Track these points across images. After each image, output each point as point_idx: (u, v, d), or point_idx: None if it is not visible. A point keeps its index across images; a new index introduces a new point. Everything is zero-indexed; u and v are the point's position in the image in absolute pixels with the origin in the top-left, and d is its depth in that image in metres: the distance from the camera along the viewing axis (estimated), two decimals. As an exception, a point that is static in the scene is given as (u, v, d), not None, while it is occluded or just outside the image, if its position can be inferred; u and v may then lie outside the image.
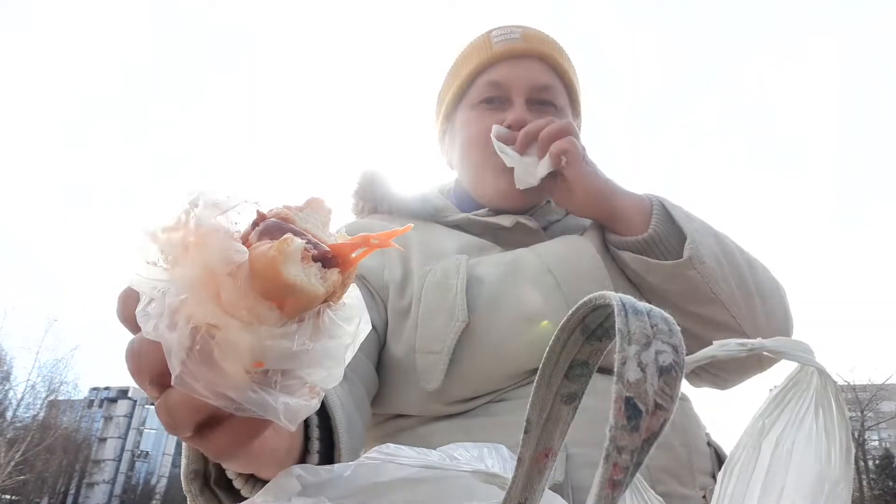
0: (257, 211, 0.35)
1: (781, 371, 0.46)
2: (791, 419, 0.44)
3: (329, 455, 0.51)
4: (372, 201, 0.99)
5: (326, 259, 0.34)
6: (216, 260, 0.31)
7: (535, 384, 0.36)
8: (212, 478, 0.49)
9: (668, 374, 0.27)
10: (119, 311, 0.35)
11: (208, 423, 0.36)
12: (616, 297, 0.30)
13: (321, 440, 0.50)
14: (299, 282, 0.31)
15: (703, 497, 0.71)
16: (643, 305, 0.30)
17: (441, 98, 1.04)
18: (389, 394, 0.80)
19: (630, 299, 0.30)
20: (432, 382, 0.74)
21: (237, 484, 0.47)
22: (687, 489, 0.70)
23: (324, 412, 0.53)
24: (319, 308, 0.33)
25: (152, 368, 0.33)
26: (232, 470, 0.46)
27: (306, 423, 0.49)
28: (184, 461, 0.48)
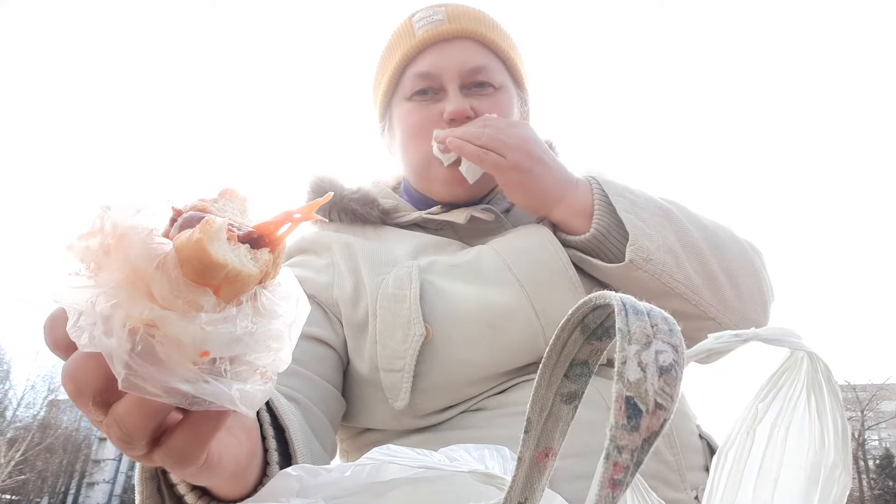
0: (172, 207, 0.34)
1: (771, 356, 0.47)
2: (784, 405, 0.45)
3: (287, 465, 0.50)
4: (323, 210, 0.94)
5: (253, 240, 0.33)
6: (140, 256, 0.30)
7: (535, 383, 0.36)
8: None
9: (669, 374, 0.27)
10: (47, 337, 0.33)
11: (162, 430, 0.34)
12: (616, 297, 0.31)
13: (279, 452, 0.49)
14: (230, 261, 0.30)
15: (696, 497, 0.70)
16: (643, 305, 0.30)
17: (375, 92, 0.98)
18: (360, 410, 0.77)
19: (630, 299, 0.30)
20: (399, 401, 0.71)
21: None
22: (677, 493, 0.69)
23: (277, 425, 0.52)
24: (255, 290, 0.33)
25: (93, 385, 0.32)
26: (193, 481, 0.43)
27: (262, 435, 0.48)
28: (138, 497, 0.46)
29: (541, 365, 0.36)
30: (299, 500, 0.42)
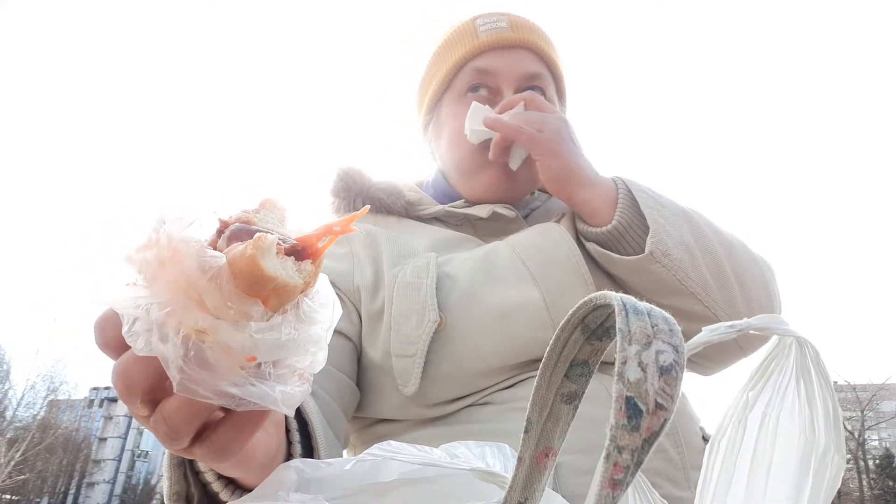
0: (218, 219, 0.36)
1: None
2: (774, 392, 0.45)
3: (309, 456, 0.52)
4: (348, 199, 0.96)
5: (297, 252, 0.36)
6: (194, 269, 0.32)
7: (535, 383, 0.36)
8: (195, 500, 0.48)
9: (669, 374, 0.27)
10: (98, 337, 0.36)
11: (204, 426, 0.36)
12: (617, 297, 0.31)
13: (300, 444, 0.51)
14: (280, 275, 0.33)
15: None
16: (644, 305, 0.30)
17: (424, 87, 1.01)
18: (371, 399, 0.78)
19: (631, 299, 0.30)
20: (409, 386, 0.73)
21: (224, 496, 0.47)
22: (681, 491, 0.70)
23: (300, 418, 0.54)
24: (298, 298, 0.35)
25: (144, 384, 0.34)
26: (226, 472, 0.45)
27: (286, 427, 0.50)
28: (166, 482, 0.48)
29: (541, 365, 0.36)
30: (299, 494, 0.42)
